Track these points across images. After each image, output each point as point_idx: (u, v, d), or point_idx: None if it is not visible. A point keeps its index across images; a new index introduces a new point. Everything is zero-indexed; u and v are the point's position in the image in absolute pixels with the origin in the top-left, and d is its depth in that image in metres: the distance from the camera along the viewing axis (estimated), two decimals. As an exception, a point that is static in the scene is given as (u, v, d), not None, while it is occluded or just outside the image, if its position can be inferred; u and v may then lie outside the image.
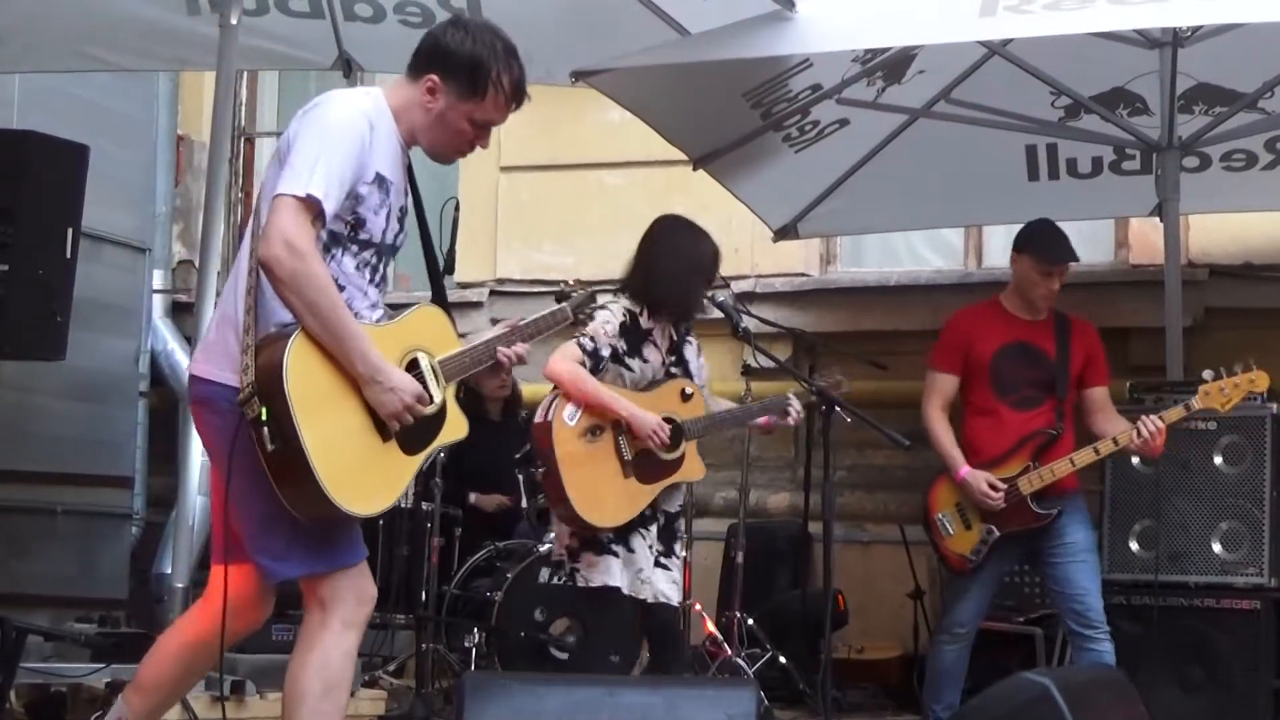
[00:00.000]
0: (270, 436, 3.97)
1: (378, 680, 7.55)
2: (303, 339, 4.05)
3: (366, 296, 4.29)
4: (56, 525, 8.58)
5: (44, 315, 7.24)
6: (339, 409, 4.09)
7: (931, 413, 6.46)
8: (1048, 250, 6.41)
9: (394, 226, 4.37)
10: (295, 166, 4.10)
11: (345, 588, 4.21)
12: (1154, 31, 6.94)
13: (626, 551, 5.71)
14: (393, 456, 4.18)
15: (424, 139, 4.38)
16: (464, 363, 4.40)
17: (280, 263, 4.02)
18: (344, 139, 4.14)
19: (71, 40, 7.37)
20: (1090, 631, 6.20)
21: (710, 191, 8.00)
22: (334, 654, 4.18)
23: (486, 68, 4.33)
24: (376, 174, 4.22)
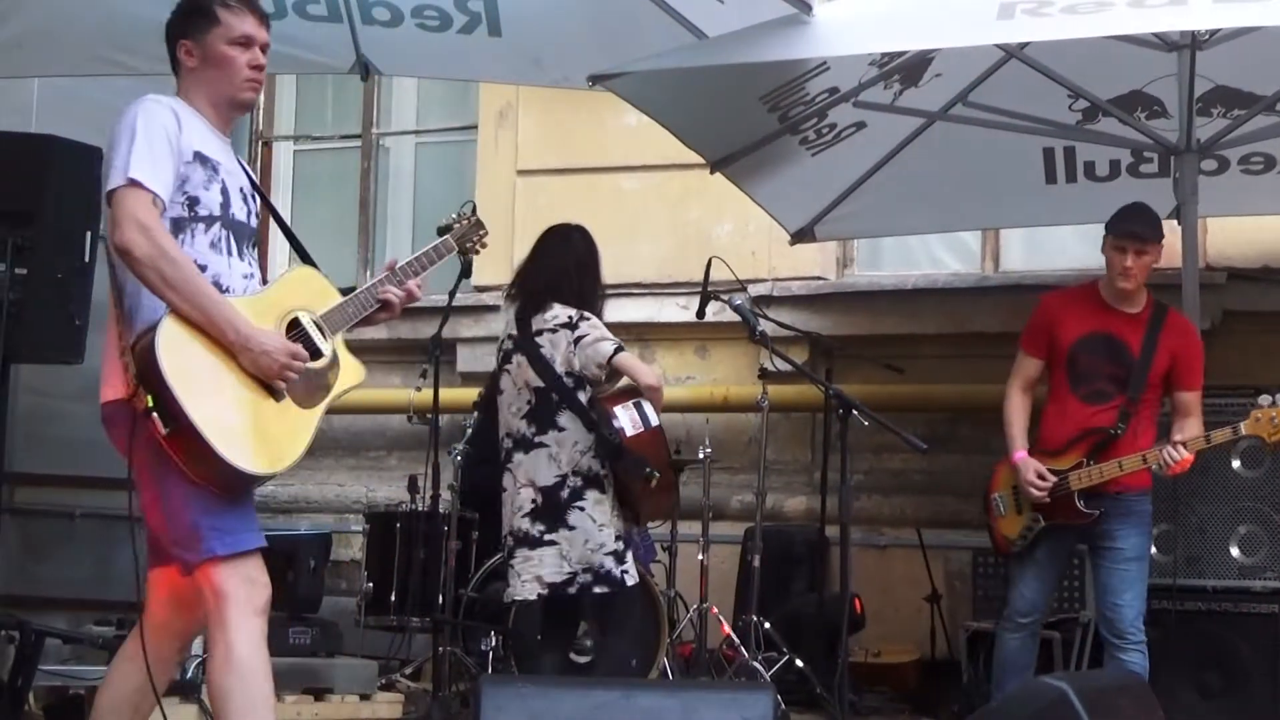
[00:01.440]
0: (162, 421, 4.14)
1: (395, 683, 7.57)
2: (170, 320, 4.22)
3: (233, 270, 4.44)
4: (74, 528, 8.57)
5: (62, 318, 7.24)
6: (221, 379, 4.24)
7: (1010, 390, 6.43)
8: (1121, 223, 6.33)
9: (239, 205, 4.52)
10: (113, 164, 4.32)
11: (236, 577, 4.28)
12: (1172, 34, 6.93)
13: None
14: (289, 414, 4.34)
15: (213, 95, 4.55)
16: (348, 312, 4.59)
17: (136, 243, 4.21)
18: (148, 126, 4.35)
19: (90, 44, 7.38)
20: (1119, 641, 6.16)
21: (727, 195, 8.01)
22: (238, 643, 4.24)
23: (204, 1, 4.55)
24: (195, 152, 4.40)
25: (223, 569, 4.26)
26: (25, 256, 7.09)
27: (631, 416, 6.20)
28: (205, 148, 4.45)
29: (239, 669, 4.22)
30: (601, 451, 6.20)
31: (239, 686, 4.22)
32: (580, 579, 6.24)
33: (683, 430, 8.70)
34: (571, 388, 6.28)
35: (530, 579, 6.27)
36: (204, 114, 4.53)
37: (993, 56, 7.25)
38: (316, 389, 4.42)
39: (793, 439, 9.28)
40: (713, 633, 7.69)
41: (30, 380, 8.03)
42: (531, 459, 6.31)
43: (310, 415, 4.39)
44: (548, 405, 6.30)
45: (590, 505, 6.24)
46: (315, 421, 4.40)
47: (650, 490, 6.21)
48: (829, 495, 8.27)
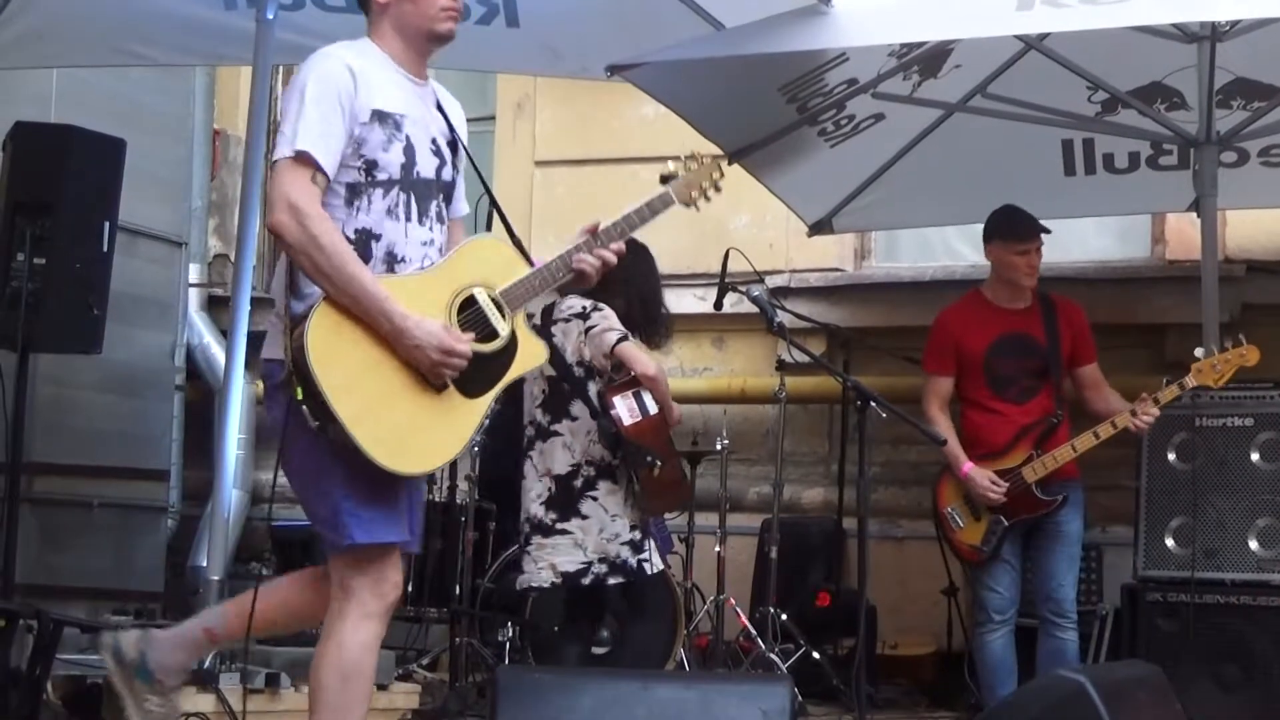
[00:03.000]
0: (311, 415, 4.01)
1: (412, 674, 7.57)
2: (324, 309, 4.06)
3: (409, 238, 4.26)
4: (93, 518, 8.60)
5: (81, 309, 7.27)
6: (377, 372, 4.07)
7: (931, 413, 6.66)
8: (1017, 229, 6.65)
9: (427, 159, 4.33)
10: (282, 131, 4.14)
11: (365, 576, 4.18)
12: (1192, 26, 6.91)
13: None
14: (450, 405, 4.15)
15: (410, 30, 4.34)
16: (533, 285, 4.32)
17: (286, 227, 4.06)
18: (319, 90, 4.15)
19: (108, 35, 7.39)
20: (1061, 620, 6.50)
21: (745, 186, 7.97)
22: (350, 645, 4.17)
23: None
24: (374, 111, 4.21)
25: (355, 561, 4.17)
26: (44, 247, 7.13)
27: (629, 405, 6.21)
28: (388, 101, 4.24)
29: (345, 669, 4.16)
30: (604, 441, 6.23)
31: (339, 686, 4.16)
32: (595, 569, 6.25)
33: (700, 422, 8.70)
34: (582, 377, 6.30)
35: (545, 566, 6.29)
36: (395, 56, 4.33)
37: (1012, 48, 7.23)
38: (488, 374, 4.21)
39: (810, 431, 9.27)
40: (730, 624, 7.69)
41: (49, 370, 8.06)
42: (549, 447, 6.34)
43: (476, 405, 4.19)
44: (560, 394, 6.33)
45: (603, 495, 6.26)
46: (482, 411, 4.21)
47: (654, 479, 6.21)
48: (846, 487, 8.28)
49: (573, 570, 6.25)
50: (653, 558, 6.34)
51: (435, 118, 4.42)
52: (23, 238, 7.11)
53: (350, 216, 4.19)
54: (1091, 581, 7.56)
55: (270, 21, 6.69)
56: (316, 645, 4.24)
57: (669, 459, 6.26)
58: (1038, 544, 6.57)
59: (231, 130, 10.37)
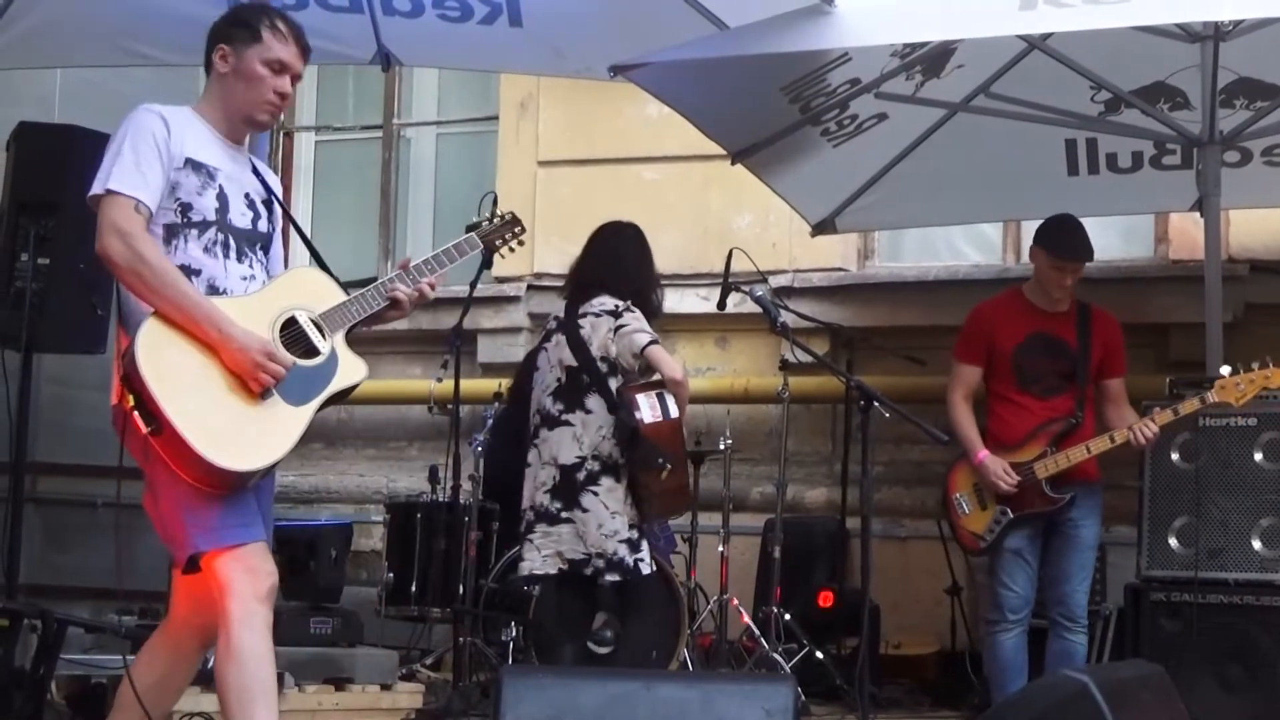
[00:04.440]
0: (143, 420, 4.21)
1: (415, 674, 7.58)
2: (152, 321, 4.27)
3: (229, 273, 4.47)
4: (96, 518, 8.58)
5: (84, 309, 7.27)
6: (204, 378, 4.28)
7: (954, 399, 6.67)
8: (1061, 246, 6.59)
9: (241, 210, 4.54)
10: (99, 174, 4.39)
11: (236, 567, 4.31)
12: (1195, 25, 6.92)
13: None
14: (276, 411, 4.35)
15: (232, 107, 4.61)
16: (350, 311, 4.57)
17: (114, 249, 4.30)
18: (136, 137, 4.41)
19: (111, 35, 7.39)
20: (1071, 624, 6.51)
21: (748, 186, 8.00)
22: (238, 632, 4.27)
23: (256, 17, 4.65)
24: (187, 159, 4.44)
25: (221, 560, 4.30)
26: (47, 246, 7.13)
27: (652, 405, 6.23)
28: (201, 154, 4.49)
29: (238, 656, 4.26)
30: (619, 435, 6.24)
31: (236, 673, 4.26)
32: (594, 563, 6.27)
33: (703, 421, 8.70)
34: (604, 372, 6.32)
35: (551, 554, 6.32)
36: (214, 122, 4.59)
37: (1015, 47, 7.24)
38: (310, 386, 4.42)
39: (813, 430, 9.28)
40: (733, 624, 7.69)
41: (53, 370, 8.06)
42: (556, 436, 6.36)
43: (301, 412, 4.39)
44: (577, 385, 6.35)
45: (604, 491, 6.27)
46: (306, 419, 4.40)
47: (660, 482, 6.22)
48: (849, 487, 8.28)
49: (576, 559, 6.29)
50: (647, 558, 6.35)
51: (250, 177, 4.65)
52: (26, 238, 7.12)
53: (170, 255, 4.39)
54: (1095, 581, 7.54)
55: (273, 21, 6.68)
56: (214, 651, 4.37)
57: (679, 463, 6.27)
58: (1053, 546, 6.56)
59: (235, 130, 10.37)
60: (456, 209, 9.84)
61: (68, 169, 7.22)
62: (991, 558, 6.62)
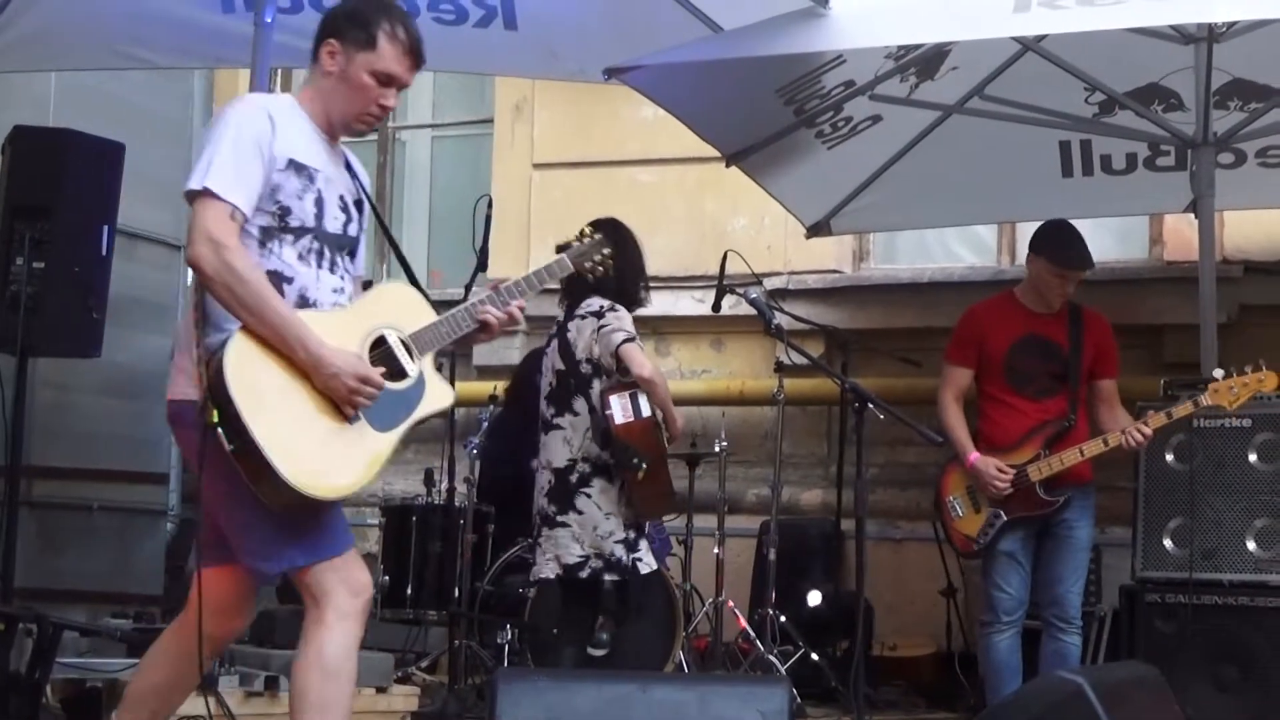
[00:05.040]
0: (227, 437, 4.05)
1: (411, 676, 7.57)
2: (241, 336, 4.12)
3: (321, 283, 4.33)
4: (92, 521, 8.61)
5: (80, 312, 7.28)
6: (291, 399, 4.14)
7: (945, 400, 6.67)
8: (1063, 256, 6.59)
9: (335, 214, 4.40)
10: (196, 167, 4.20)
11: (334, 579, 4.25)
12: (1189, 27, 6.92)
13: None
14: (362, 436, 4.22)
15: (333, 109, 4.41)
16: (440, 332, 4.43)
17: (205, 260, 4.12)
18: (238, 134, 4.22)
19: (106, 38, 7.39)
20: (1066, 625, 6.51)
21: (743, 188, 8.00)
22: (329, 647, 4.22)
23: (377, 18, 4.38)
24: (290, 160, 4.27)
25: (317, 570, 4.23)
26: (43, 250, 7.14)
27: (624, 405, 6.22)
28: (303, 154, 4.32)
29: (325, 669, 4.20)
30: (597, 437, 6.26)
31: (320, 683, 4.20)
32: (592, 564, 6.28)
33: (699, 423, 8.71)
34: (588, 374, 6.33)
35: (551, 558, 6.33)
36: (314, 116, 4.41)
37: (1009, 49, 7.24)
38: (397, 411, 4.29)
39: (808, 432, 9.28)
40: (728, 626, 7.70)
41: (48, 374, 8.07)
42: (550, 440, 6.39)
43: (386, 438, 4.26)
44: (565, 389, 6.37)
45: (597, 493, 6.29)
46: (391, 444, 4.28)
47: (638, 482, 6.23)
48: (845, 488, 8.28)
49: (572, 563, 6.29)
50: (646, 557, 6.36)
51: (344, 176, 4.50)
52: (22, 241, 7.13)
53: (264, 258, 4.25)
54: (1090, 582, 7.55)
55: (269, 25, 6.70)
56: (297, 651, 4.30)
57: (656, 464, 6.24)
58: (1046, 548, 6.57)
59: (230, 133, 10.37)
60: (452, 212, 9.85)
61: (63, 172, 7.24)
62: (985, 560, 6.62)
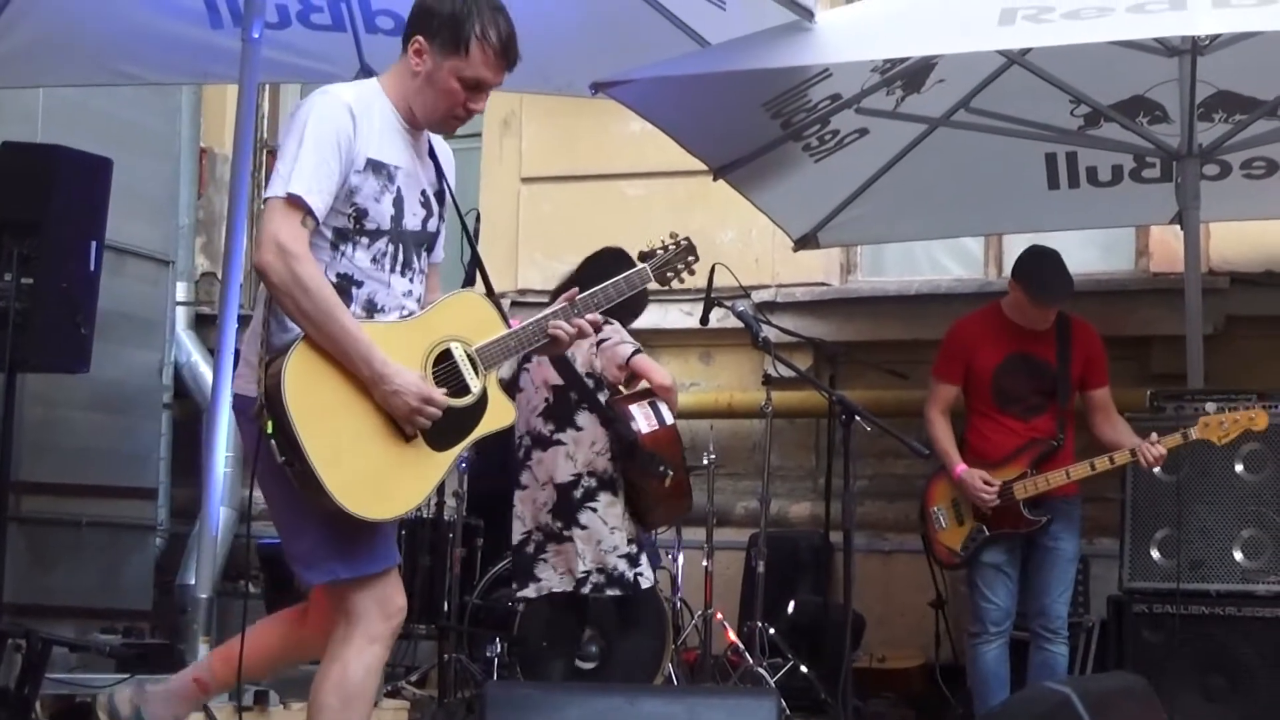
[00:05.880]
0: (279, 449, 3.98)
1: (400, 690, 7.57)
2: (304, 348, 4.04)
3: (391, 288, 4.23)
4: (81, 537, 8.60)
5: (68, 328, 7.28)
6: (349, 414, 4.05)
7: (932, 415, 6.70)
8: (1041, 290, 6.57)
9: (415, 211, 4.29)
10: (277, 170, 4.10)
11: (369, 599, 4.18)
12: (1173, 40, 6.95)
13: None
14: (418, 455, 4.12)
15: (417, 107, 4.27)
16: (508, 346, 4.31)
17: (272, 268, 4.03)
18: (319, 133, 4.10)
19: (95, 54, 7.41)
20: (1052, 635, 6.56)
21: (730, 201, 8.01)
22: (354, 668, 4.16)
23: (469, 21, 4.21)
24: (369, 160, 4.17)
25: (355, 589, 4.17)
26: (31, 266, 7.13)
27: (647, 415, 6.26)
28: (383, 152, 4.21)
29: (346, 691, 4.15)
30: (617, 450, 6.25)
31: (341, 704, 4.15)
32: (594, 579, 6.29)
33: (687, 436, 8.66)
34: (591, 389, 6.34)
35: (564, 571, 6.34)
36: (398, 106, 4.27)
37: (995, 62, 7.27)
38: (456, 429, 4.19)
39: (797, 445, 9.29)
40: (717, 639, 7.70)
41: (37, 390, 8.07)
42: (550, 456, 6.37)
43: (442, 458, 4.17)
44: (566, 404, 6.36)
45: (602, 507, 6.29)
46: (446, 465, 4.20)
47: (664, 490, 6.25)
48: (833, 501, 8.27)
49: (579, 576, 6.31)
50: (646, 572, 6.37)
51: (427, 167, 4.38)
52: (10, 257, 7.12)
53: (334, 260, 4.17)
54: (1078, 593, 7.57)
55: (256, 40, 6.71)
56: (319, 667, 4.23)
57: (679, 469, 6.32)
58: (1032, 560, 6.60)
59: (218, 148, 10.39)
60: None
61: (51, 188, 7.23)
62: (971, 571, 6.64)
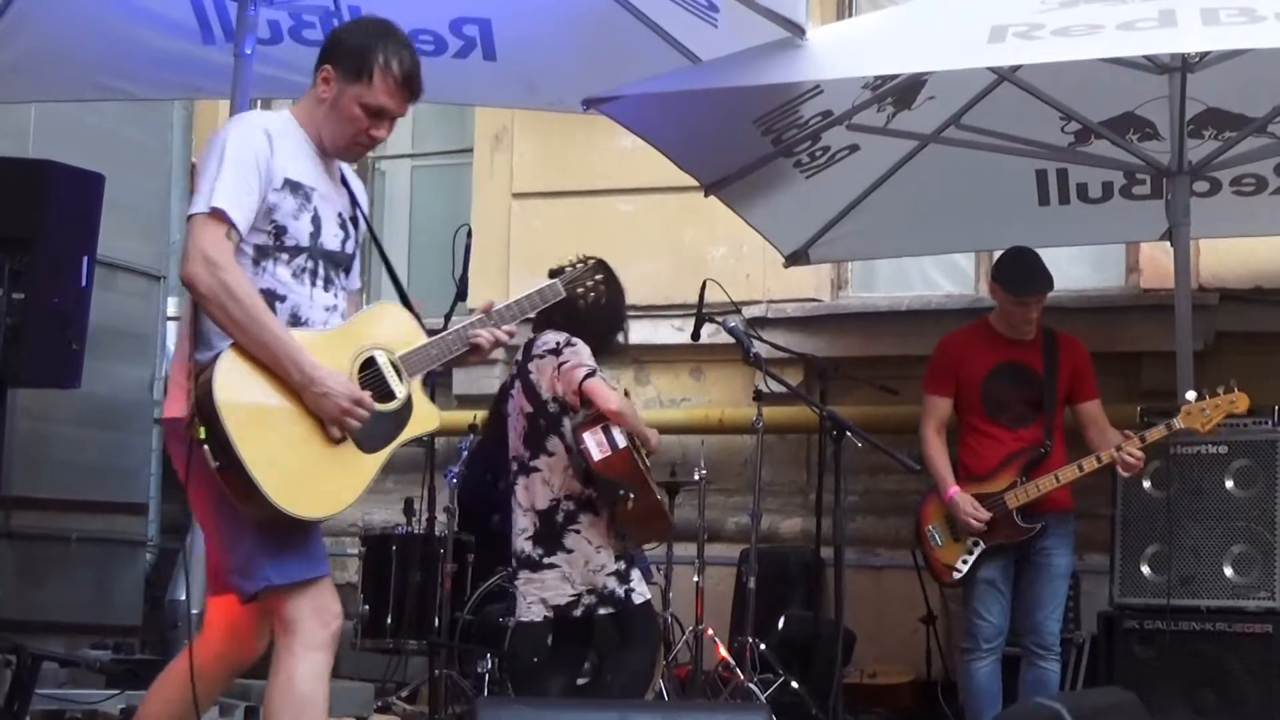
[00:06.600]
0: (212, 454, 4.07)
1: (391, 706, 7.57)
2: (233, 354, 4.14)
3: (314, 302, 4.36)
4: (71, 552, 8.60)
5: (59, 343, 7.28)
6: (279, 418, 4.15)
7: (926, 434, 6.73)
8: (1016, 282, 6.67)
9: (334, 232, 4.44)
10: (199, 188, 4.24)
11: (304, 607, 4.23)
12: (1163, 57, 6.97)
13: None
14: (348, 457, 4.23)
15: (326, 134, 4.45)
16: (430, 354, 4.46)
17: (200, 278, 4.15)
18: (238, 152, 4.25)
19: (86, 69, 7.41)
20: (1045, 651, 6.57)
21: (722, 217, 8.03)
22: (299, 677, 4.21)
23: (373, 51, 4.40)
24: (286, 179, 4.31)
25: (289, 597, 4.21)
26: (22, 281, 7.14)
27: (598, 440, 6.19)
28: (299, 173, 4.36)
29: (295, 702, 4.18)
30: (578, 476, 6.25)
31: (293, 715, 4.18)
32: (585, 600, 6.25)
33: (678, 452, 8.71)
34: (556, 413, 6.30)
35: (535, 601, 6.28)
36: (310, 134, 4.45)
37: (985, 79, 7.28)
38: (383, 432, 4.30)
39: (788, 460, 9.29)
40: (708, 654, 7.69)
41: (28, 405, 8.06)
42: (531, 482, 6.35)
43: (371, 460, 4.27)
44: (537, 430, 6.34)
45: (585, 528, 6.26)
46: (376, 467, 4.29)
47: (629, 512, 6.22)
48: (824, 516, 8.27)
49: (563, 603, 6.25)
50: (639, 587, 6.36)
51: (341, 193, 4.54)
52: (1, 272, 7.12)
53: (258, 276, 4.28)
54: (1068, 609, 7.56)
55: (248, 56, 6.71)
56: (266, 682, 4.27)
57: (643, 490, 6.25)
58: (1025, 575, 6.61)
59: (209, 164, 10.38)
60: (431, 241, 9.85)
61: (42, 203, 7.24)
62: (965, 588, 6.65)
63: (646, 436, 6.33)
